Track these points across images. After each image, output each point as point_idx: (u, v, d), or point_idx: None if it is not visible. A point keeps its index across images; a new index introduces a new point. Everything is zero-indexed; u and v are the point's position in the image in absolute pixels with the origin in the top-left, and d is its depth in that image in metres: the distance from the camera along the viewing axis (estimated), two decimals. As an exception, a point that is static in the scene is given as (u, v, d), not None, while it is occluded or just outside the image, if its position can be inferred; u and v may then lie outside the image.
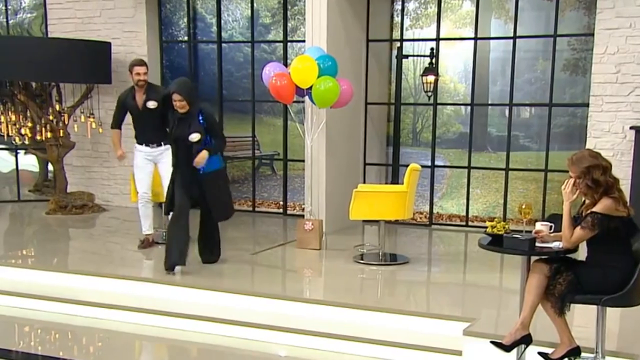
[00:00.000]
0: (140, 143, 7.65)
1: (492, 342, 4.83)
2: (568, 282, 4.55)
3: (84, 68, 9.51)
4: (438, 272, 7.75)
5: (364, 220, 9.47)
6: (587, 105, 8.40)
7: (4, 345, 5.68)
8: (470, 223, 9.42)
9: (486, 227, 5.18)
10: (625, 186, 7.99)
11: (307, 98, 7.89)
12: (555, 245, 4.75)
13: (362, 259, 7.56)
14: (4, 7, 10.82)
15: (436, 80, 9.29)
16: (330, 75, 7.56)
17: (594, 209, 4.53)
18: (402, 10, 9.45)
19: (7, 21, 10.68)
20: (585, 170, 4.57)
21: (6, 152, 11.21)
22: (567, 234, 4.63)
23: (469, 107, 9.45)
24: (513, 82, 8.99)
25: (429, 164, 9.56)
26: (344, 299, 6.25)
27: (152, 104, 7.28)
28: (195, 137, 6.47)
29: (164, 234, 8.00)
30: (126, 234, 8.79)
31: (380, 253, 7.52)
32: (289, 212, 10.27)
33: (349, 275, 7.20)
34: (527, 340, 4.70)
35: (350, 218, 7.47)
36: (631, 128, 8.00)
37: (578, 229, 4.59)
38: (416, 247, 8.57)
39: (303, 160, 9.79)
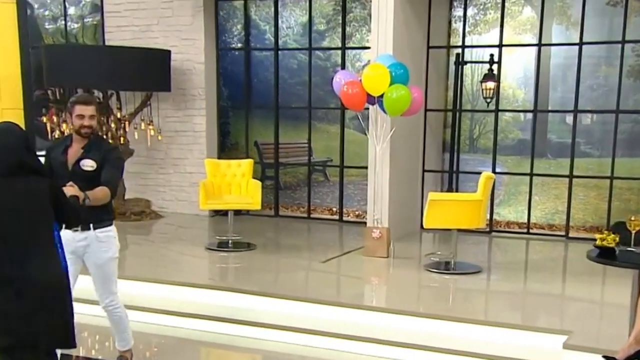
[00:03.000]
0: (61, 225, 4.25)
1: (604, 357, 4.52)
2: None
3: (144, 76, 9.39)
4: (515, 281, 7.45)
5: (421, 227, 9.43)
6: None
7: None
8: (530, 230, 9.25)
9: (595, 239, 5.04)
10: None
11: (375, 106, 7.70)
12: None
13: (434, 268, 7.38)
14: (58, 13, 10.73)
15: (497, 87, 9.14)
16: (402, 83, 7.42)
17: None
18: (464, 16, 9.24)
19: (65, 30, 10.59)
20: None
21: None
22: None
23: (527, 114, 9.27)
24: (578, 88, 8.77)
25: (488, 170, 9.24)
26: (432, 310, 6.15)
27: (89, 165, 4.50)
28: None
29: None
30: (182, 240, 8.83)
31: (453, 262, 7.35)
32: (344, 218, 10.10)
33: (428, 285, 7.11)
34: None
35: (425, 226, 7.36)
36: None
37: None
38: (483, 255, 8.40)
39: (358, 167, 9.87)
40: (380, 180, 8.30)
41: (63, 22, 10.78)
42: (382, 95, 7.42)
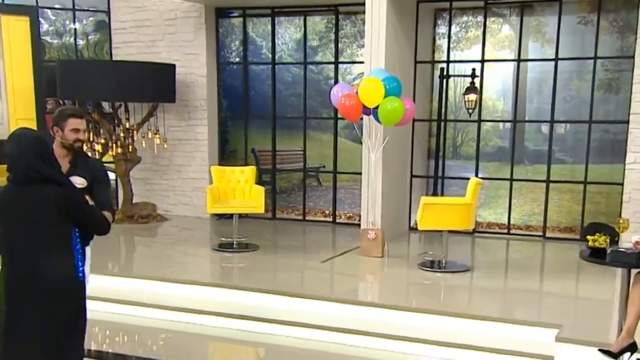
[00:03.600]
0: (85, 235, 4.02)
1: (600, 350, 4.70)
2: None
3: (150, 88, 9.34)
4: (502, 279, 7.50)
5: (409, 229, 9.58)
6: (626, 122, 8.29)
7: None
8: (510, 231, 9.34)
9: (587, 241, 5.08)
10: None
11: (370, 116, 7.74)
12: None
13: (427, 266, 7.39)
14: (62, 29, 10.65)
15: (478, 99, 9.23)
16: (395, 96, 7.43)
17: None
18: (449, 33, 9.35)
19: (75, 45, 10.54)
20: None
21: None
22: None
23: (507, 123, 9.38)
24: (554, 100, 8.86)
25: (469, 176, 9.28)
26: (429, 305, 6.16)
27: (79, 182, 4.10)
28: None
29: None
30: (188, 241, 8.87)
31: (444, 261, 7.37)
32: (337, 220, 10.15)
33: (422, 282, 7.06)
34: (633, 347, 4.57)
35: (419, 228, 7.35)
36: None
37: None
38: (470, 255, 8.41)
39: (350, 173, 9.97)
40: (373, 186, 8.28)
41: (67, 37, 10.62)
42: (377, 107, 7.41)
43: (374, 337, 5.77)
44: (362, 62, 9.51)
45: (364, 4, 8.76)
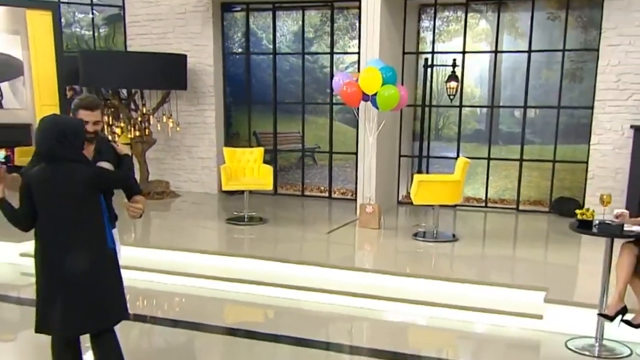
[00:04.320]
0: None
1: (598, 314, 4.83)
2: None
3: (164, 77, 9.41)
4: (488, 247, 7.63)
5: (397, 203, 9.90)
6: (590, 107, 8.56)
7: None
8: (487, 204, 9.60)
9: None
10: (623, 174, 8.35)
11: (366, 102, 7.86)
12: (636, 228, 4.73)
13: (420, 237, 7.57)
14: (71, 19, 10.75)
15: (459, 86, 9.47)
16: (391, 84, 7.53)
17: None
18: (434, 27, 9.56)
19: (94, 37, 10.57)
20: None
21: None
22: None
23: (483, 108, 9.66)
24: (528, 87, 9.10)
25: (451, 155, 9.64)
26: (430, 272, 6.28)
27: (106, 166, 3.89)
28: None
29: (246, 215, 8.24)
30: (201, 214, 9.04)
31: (435, 231, 7.52)
32: (332, 196, 10.36)
33: (416, 251, 7.18)
34: (624, 310, 4.71)
35: (414, 203, 7.49)
36: (631, 127, 8.18)
37: None
38: (454, 226, 8.54)
39: (344, 153, 10.19)
40: (369, 165, 8.47)
41: (77, 29, 10.65)
42: (375, 94, 7.51)
43: (366, 298, 5.89)
44: (354, 53, 9.75)
45: (357, 0, 9.10)
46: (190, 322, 5.50)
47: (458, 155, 9.48)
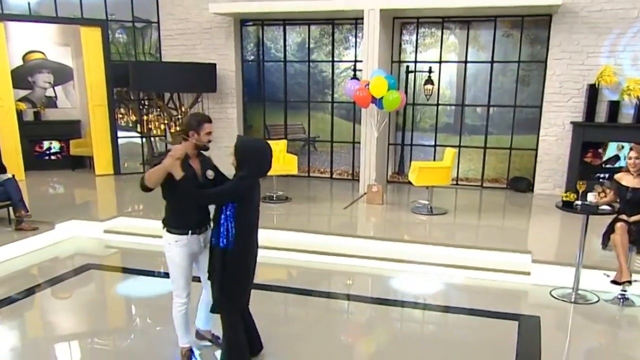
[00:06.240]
0: (183, 231, 3.75)
1: (612, 282, 5.07)
2: (638, 231, 4.98)
3: (199, 81, 9.56)
4: (474, 218, 7.67)
5: (387, 182, 10.15)
6: (539, 107, 9.03)
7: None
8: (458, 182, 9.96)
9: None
10: (564, 159, 8.85)
11: (372, 104, 8.14)
12: (606, 207, 5.10)
13: (417, 211, 7.79)
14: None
15: (433, 89, 9.87)
16: (394, 89, 7.88)
17: None
18: (417, 39, 9.89)
19: (135, 48, 10.50)
20: None
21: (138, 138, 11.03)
22: None
23: (457, 106, 10.03)
24: (491, 90, 9.51)
25: (426, 143, 10.10)
26: (435, 239, 6.49)
27: (210, 174, 3.84)
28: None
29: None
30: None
31: (430, 206, 7.78)
32: (333, 177, 10.67)
33: (419, 222, 7.32)
34: (630, 282, 4.97)
35: (415, 185, 7.74)
36: (571, 123, 8.69)
37: None
38: (439, 201, 8.42)
39: (342, 142, 10.48)
40: (369, 152, 8.86)
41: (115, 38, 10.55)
42: (381, 97, 7.83)
43: (377, 260, 6.06)
44: (351, 61, 10.02)
45: (354, 19, 9.41)
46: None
47: (435, 144, 9.96)
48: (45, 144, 11.10)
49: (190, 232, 3.69)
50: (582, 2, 8.47)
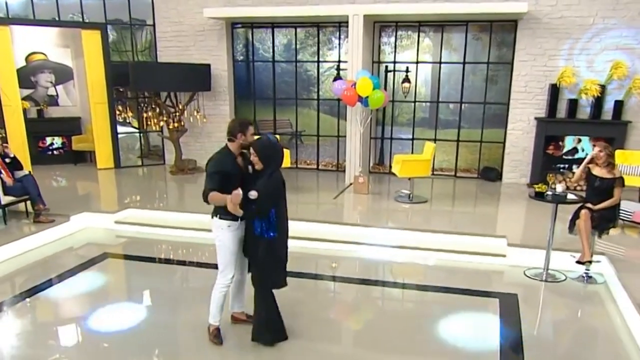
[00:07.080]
0: (234, 218, 3.96)
1: (577, 262, 5.28)
2: (599, 217, 5.22)
3: (195, 81, 9.55)
4: (450, 205, 7.77)
5: (369, 172, 10.20)
6: (506, 104, 9.25)
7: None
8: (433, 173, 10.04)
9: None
10: (528, 151, 9.08)
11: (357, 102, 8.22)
12: (573, 197, 5.30)
13: (400, 200, 7.91)
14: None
15: (410, 87, 10.02)
16: (378, 88, 7.97)
17: (617, 175, 5.14)
18: (395, 41, 10.00)
19: (133, 50, 10.46)
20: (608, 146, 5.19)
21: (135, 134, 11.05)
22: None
23: (432, 103, 10.21)
24: (463, 88, 9.67)
25: (405, 137, 10.25)
26: (418, 226, 6.57)
27: (253, 195, 3.80)
28: (254, 194, 3.78)
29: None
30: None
31: (411, 195, 7.94)
32: (319, 168, 10.75)
33: (401, 210, 7.43)
34: (591, 261, 5.26)
35: (398, 176, 7.85)
36: (535, 118, 8.95)
37: (619, 188, 5.10)
38: (417, 190, 8.47)
39: (328, 136, 10.54)
40: (354, 146, 8.95)
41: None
42: (367, 96, 7.93)
43: (365, 246, 6.13)
44: (335, 61, 10.09)
45: (337, 22, 9.49)
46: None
47: (413, 137, 10.13)
48: (48, 140, 11.00)
49: (240, 219, 3.94)
50: (545, 10, 8.69)
